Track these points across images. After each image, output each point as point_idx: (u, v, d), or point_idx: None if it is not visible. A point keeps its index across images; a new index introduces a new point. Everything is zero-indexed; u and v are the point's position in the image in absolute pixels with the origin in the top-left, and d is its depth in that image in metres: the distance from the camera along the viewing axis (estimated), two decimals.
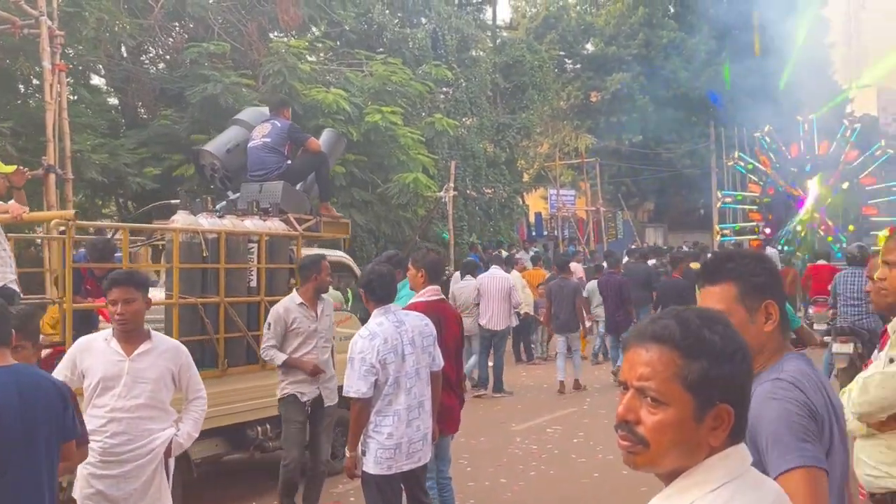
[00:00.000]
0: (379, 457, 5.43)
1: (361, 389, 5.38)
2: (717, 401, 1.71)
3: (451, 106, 25.71)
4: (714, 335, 1.72)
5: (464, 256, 22.76)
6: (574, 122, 41.79)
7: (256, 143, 8.79)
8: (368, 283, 5.71)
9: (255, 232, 7.75)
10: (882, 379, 3.26)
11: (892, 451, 3.27)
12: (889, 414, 3.25)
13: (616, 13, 43.35)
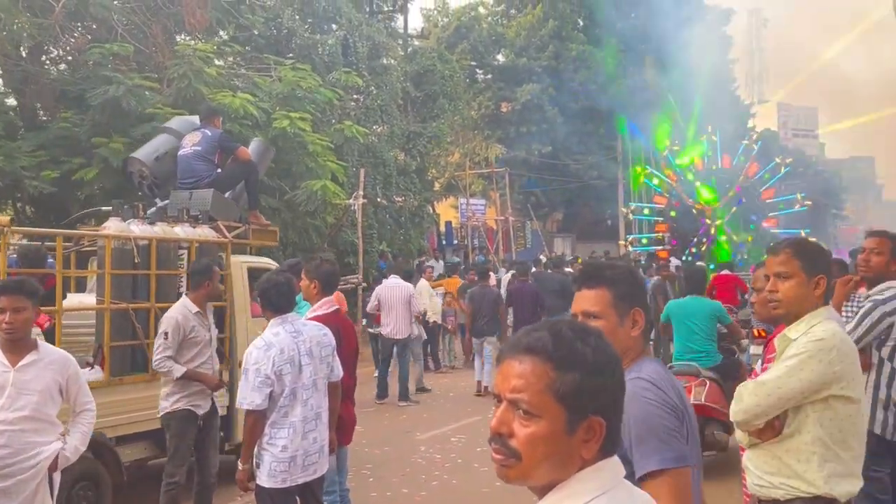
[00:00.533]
0: (273, 469, 5.33)
1: (256, 401, 5.27)
2: (589, 413, 1.69)
3: (361, 113, 25.60)
4: (586, 347, 1.71)
5: (373, 265, 22.70)
6: (485, 132, 42.08)
7: (187, 151, 8.87)
8: (265, 292, 5.61)
9: (186, 239, 7.93)
10: (755, 387, 3.35)
11: (775, 459, 3.34)
12: (764, 421, 3.32)
13: (526, 25, 43.85)
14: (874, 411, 5.12)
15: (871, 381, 5.13)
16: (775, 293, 3.45)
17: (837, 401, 3.28)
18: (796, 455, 3.29)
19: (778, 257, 3.48)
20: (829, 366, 3.25)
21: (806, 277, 3.42)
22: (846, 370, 3.28)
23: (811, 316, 3.40)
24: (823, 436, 3.26)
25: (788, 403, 3.28)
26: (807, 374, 3.24)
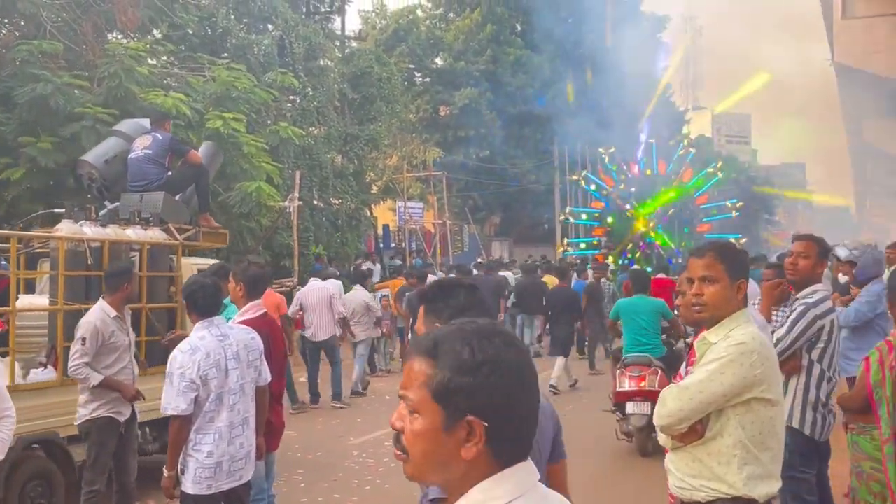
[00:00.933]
0: (198, 476, 5.22)
1: (180, 406, 5.16)
2: (466, 413, 1.66)
3: (297, 115, 25.39)
4: (465, 347, 1.69)
5: (309, 268, 22.52)
6: (423, 136, 42.06)
7: (138, 154, 8.95)
8: (191, 295, 5.49)
9: (138, 241, 8.05)
10: (678, 392, 3.37)
11: (697, 462, 3.36)
12: (688, 425, 3.34)
13: (464, 29, 43.97)
14: (804, 413, 5.19)
15: (802, 383, 5.19)
16: (700, 296, 3.47)
17: (758, 403, 3.31)
18: (717, 457, 3.31)
19: (702, 261, 3.50)
20: (751, 369, 3.27)
21: (730, 281, 3.45)
22: (767, 373, 3.31)
23: (730, 320, 3.43)
24: (744, 438, 3.29)
25: (711, 407, 3.30)
26: (729, 377, 3.27)
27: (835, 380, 5.23)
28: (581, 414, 12.67)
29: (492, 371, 1.67)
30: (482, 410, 1.66)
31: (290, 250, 21.70)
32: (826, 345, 5.19)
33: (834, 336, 5.23)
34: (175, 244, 8.55)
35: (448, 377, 1.68)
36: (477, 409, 1.66)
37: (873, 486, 4.84)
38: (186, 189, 9.43)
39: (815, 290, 5.27)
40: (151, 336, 7.96)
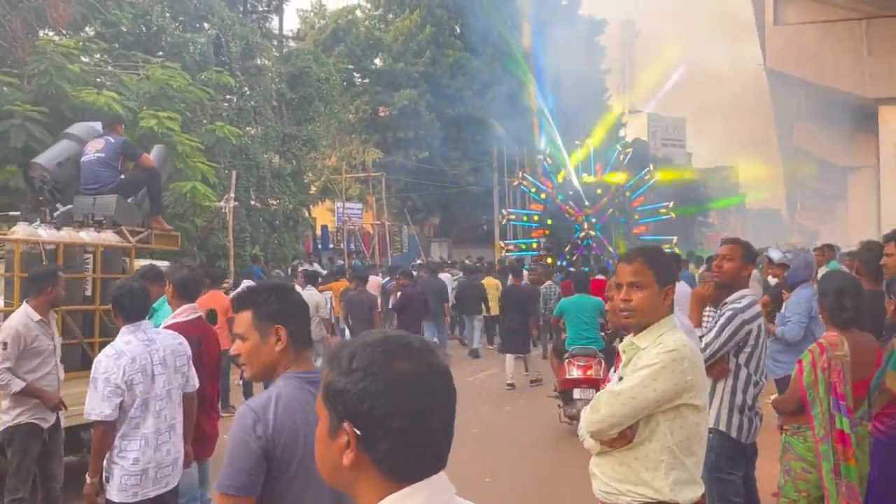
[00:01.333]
0: (124, 483, 5.11)
1: (105, 412, 5.04)
2: (344, 418, 1.65)
3: (234, 114, 25.13)
4: (346, 351, 1.68)
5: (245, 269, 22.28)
6: (362, 136, 41.95)
7: (90, 157, 8.97)
8: (118, 299, 5.36)
9: (91, 243, 8.04)
10: (609, 397, 3.38)
11: (624, 466, 3.38)
12: (618, 430, 3.36)
13: (404, 30, 43.97)
14: (731, 416, 5.25)
15: (729, 386, 5.25)
16: (628, 302, 3.49)
17: (687, 409, 3.34)
18: (644, 462, 3.34)
19: (631, 266, 3.52)
20: (682, 375, 3.30)
21: (657, 287, 3.47)
22: (696, 380, 3.35)
23: (658, 325, 3.45)
24: (672, 444, 3.32)
25: (643, 413, 3.32)
26: (661, 384, 3.29)
27: (761, 383, 5.31)
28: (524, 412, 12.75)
29: (363, 378, 1.63)
30: (354, 417, 1.64)
31: (225, 251, 21.46)
32: (753, 349, 5.26)
33: (761, 340, 5.31)
34: (128, 246, 8.63)
35: (329, 382, 1.68)
36: (350, 415, 1.64)
37: (800, 485, 4.94)
38: (138, 192, 9.47)
39: (743, 295, 5.34)
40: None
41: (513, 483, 8.89)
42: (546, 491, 8.58)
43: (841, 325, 4.96)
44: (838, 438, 4.75)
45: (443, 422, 1.67)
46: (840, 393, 4.76)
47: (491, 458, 9.98)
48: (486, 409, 13.10)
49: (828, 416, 4.78)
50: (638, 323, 3.50)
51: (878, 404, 4.98)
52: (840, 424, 4.75)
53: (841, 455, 4.74)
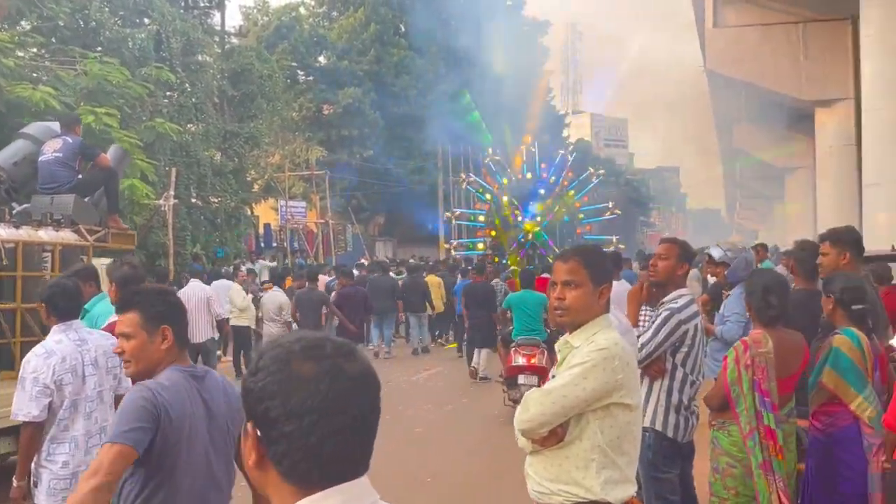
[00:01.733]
0: (53, 487, 4.96)
1: (32, 412, 4.90)
2: (251, 418, 1.62)
3: (174, 111, 24.79)
4: (260, 352, 1.65)
5: (186, 267, 22.00)
6: (306, 134, 41.68)
7: (48, 157, 9.07)
8: (50, 297, 5.22)
9: (50, 242, 8.26)
10: (540, 396, 3.37)
11: (555, 466, 3.37)
12: (549, 429, 3.35)
13: (348, 28, 43.78)
14: (667, 415, 5.30)
15: (665, 386, 5.30)
16: (563, 301, 3.48)
17: (618, 408, 3.33)
18: (575, 461, 3.33)
19: (566, 265, 3.51)
20: (612, 374, 3.29)
21: (592, 287, 3.46)
22: (627, 379, 3.34)
23: (592, 324, 3.44)
24: (602, 443, 3.31)
25: (573, 411, 3.31)
26: (591, 382, 3.28)
27: (698, 382, 5.36)
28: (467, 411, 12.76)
29: (264, 378, 1.60)
30: (254, 417, 1.61)
31: (165, 250, 21.15)
32: (689, 349, 5.31)
33: (697, 340, 5.35)
34: (86, 245, 8.73)
35: (242, 381, 1.65)
36: (251, 414, 1.62)
37: (728, 482, 4.99)
38: (95, 192, 9.57)
39: (680, 295, 5.39)
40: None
41: (453, 482, 8.88)
42: (486, 490, 8.58)
43: (766, 322, 5.02)
44: (766, 434, 4.81)
45: (353, 427, 1.61)
46: (764, 389, 4.82)
47: (432, 457, 9.96)
48: (428, 407, 13.09)
49: (753, 413, 4.83)
50: (572, 321, 3.49)
51: (815, 402, 5.06)
52: (767, 421, 4.81)
53: (771, 451, 4.80)
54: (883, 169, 17.54)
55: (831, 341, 4.99)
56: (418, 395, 14.17)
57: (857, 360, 4.91)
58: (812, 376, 5.06)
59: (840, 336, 4.97)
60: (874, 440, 4.79)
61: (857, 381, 4.89)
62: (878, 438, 4.78)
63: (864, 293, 5.18)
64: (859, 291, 5.14)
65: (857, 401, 4.88)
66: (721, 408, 5.04)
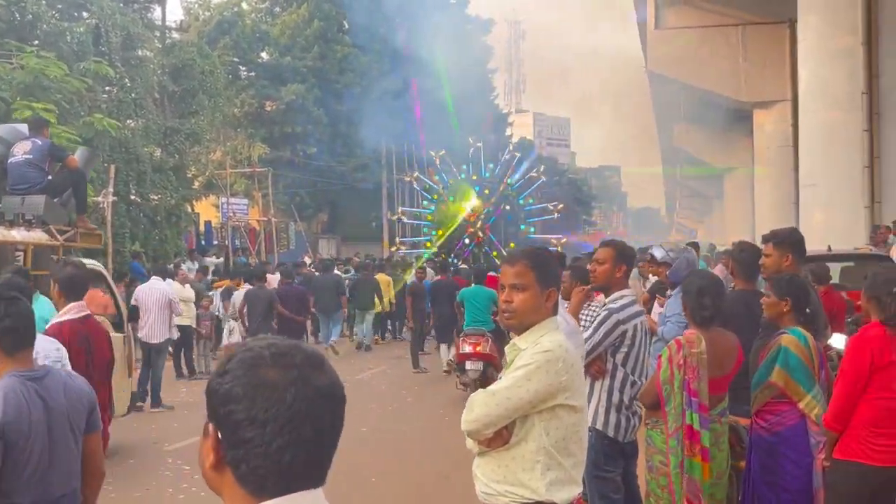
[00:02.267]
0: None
1: None
2: (211, 417, 1.62)
3: (113, 106, 24.36)
4: (230, 355, 1.65)
5: (125, 266, 21.66)
6: (248, 131, 41.27)
7: (18, 159, 9.32)
8: None
9: (23, 241, 8.51)
10: (485, 397, 3.37)
11: (502, 467, 3.38)
12: (494, 430, 3.36)
13: (291, 24, 43.45)
14: (608, 414, 5.37)
15: (606, 386, 5.37)
16: (510, 304, 3.48)
17: (563, 410, 3.35)
18: (521, 463, 3.34)
19: (514, 268, 3.51)
20: (557, 376, 3.31)
21: (539, 289, 3.46)
22: (572, 380, 3.36)
23: (539, 327, 3.45)
24: (548, 444, 3.33)
25: (517, 413, 3.32)
26: (534, 384, 3.29)
27: (639, 383, 5.44)
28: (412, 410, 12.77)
29: (230, 381, 1.59)
30: (216, 418, 1.61)
31: (104, 248, 20.74)
32: (629, 349, 5.39)
33: (638, 340, 5.43)
34: (56, 244, 9.03)
35: (209, 381, 1.64)
36: (213, 415, 1.61)
37: (661, 480, 5.06)
38: (64, 192, 9.80)
39: (621, 296, 5.47)
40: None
41: (399, 482, 8.87)
42: (432, 489, 8.59)
43: (700, 322, 5.10)
44: (686, 433, 4.89)
45: (315, 439, 1.60)
46: (693, 389, 4.90)
47: (377, 457, 9.94)
48: (372, 406, 13.07)
49: (680, 411, 4.92)
50: (519, 324, 3.50)
51: (759, 401, 5.14)
52: (690, 420, 4.90)
53: (687, 450, 4.88)
54: (819, 170, 17.94)
55: (779, 341, 5.07)
56: (363, 394, 14.16)
57: (806, 359, 5.01)
58: (757, 375, 5.14)
59: (788, 336, 5.06)
60: (820, 438, 4.90)
61: (806, 380, 4.99)
62: (824, 437, 4.89)
63: (812, 295, 5.30)
64: (808, 294, 5.25)
65: (805, 399, 4.97)
66: (654, 406, 5.11)
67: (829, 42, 17.85)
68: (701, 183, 60.44)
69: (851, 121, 17.58)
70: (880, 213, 17.33)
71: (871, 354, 4.67)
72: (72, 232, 9.45)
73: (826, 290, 9.60)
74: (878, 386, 4.68)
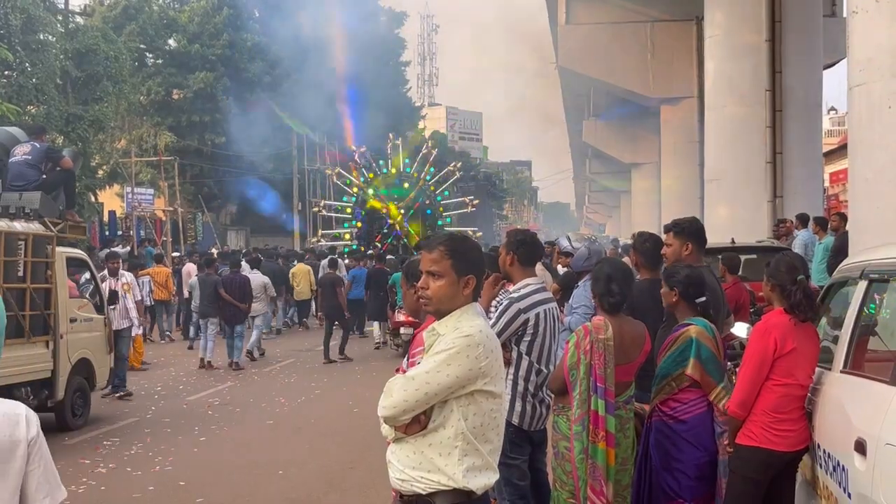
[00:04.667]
0: None
1: None
2: None
3: (13, 91, 23.56)
4: None
5: None
6: (154, 119, 40.40)
7: (18, 159, 10.60)
8: None
9: (24, 232, 9.78)
10: (404, 382, 3.30)
11: (418, 454, 3.31)
12: (412, 416, 3.30)
13: (200, 11, 42.65)
14: (513, 403, 5.37)
15: (511, 374, 5.37)
16: (426, 290, 3.43)
17: (482, 395, 3.30)
18: (438, 449, 3.28)
19: (431, 255, 3.46)
20: (476, 361, 3.26)
21: (456, 277, 3.41)
22: (491, 365, 3.31)
23: (459, 312, 3.41)
24: (465, 430, 3.27)
25: (436, 398, 3.27)
26: (454, 369, 3.24)
27: (545, 371, 5.45)
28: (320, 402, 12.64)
29: None
30: None
31: None
32: (533, 337, 5.40)
33: (542, 329, 5.44)
34: (50, 235, 10.30)
35: None
36: None
37: (566, 466, 5.08)
38: (56, 189, 10.98)
39: (526, 284, 5.50)
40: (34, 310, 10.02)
41: (306, 473, 8.76)
42: (339, 479, 8.51)
43: (608, 309, 5.13)
44: (592, 419, 4.93)
45: None
46: (599, 375, 4.93)
47: (284, 448, 9.81)
48: (280, 399, 12.91)
49: (585, 397, 4.94)
50: (436, 310, 3.44)
51: (666, 391, 5.18)
52: (595, 406, 4.93)
53: (592, 435, 4.92)
54: (724, 165, 18.35)
55: (689, 332, 5.12)
56: (271, 388, 14.00)
57: (714, 350, 5.09)
58: (664, 365, 5.17)
59: (696, 327, 5.12)
60: (725, 427, 4.98)
61: (716, 371, 5.07)
62: (727, 425, 4.97)
63: (705, 285, 5.36)
64: (700, 284, 5.31)
65: (716, 391, 5.04)
66: (562, 391, 5.12)
67: (734, 38, 18.25)
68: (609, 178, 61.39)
69: (755, 117, 18.00)
70: (782, 207, 17.78)
71: (774, 342, 4.75)
72: (62, 224, 10.69)
73: (734, 281, 9.82)
74: (780, 373, 4.76)
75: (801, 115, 18.48)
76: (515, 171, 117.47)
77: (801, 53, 18.43)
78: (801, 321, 4.78)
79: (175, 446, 10.01)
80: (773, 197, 18.02)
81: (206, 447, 10.01)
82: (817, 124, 20.10)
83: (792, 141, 18.17)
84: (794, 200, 17.73)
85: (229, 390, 13.97)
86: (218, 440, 10.36)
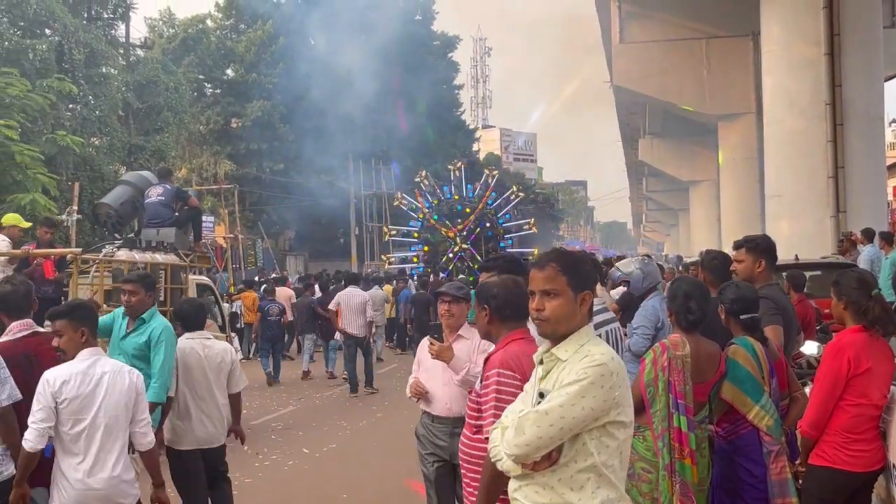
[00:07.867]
0: None
1: None
2: None
3: (77, 123, 24.10)
4: None
5: None
6: (213, 148, 41.02)
7: (153, 200, 11.76)
8: None
9: (164, 262, 10.84)
10: (536, 418, 3.12)
11: (548, 489, 3.17)
12: (545, 452, 3.11)
13: (256, 40, 43.26)
14: None
15: None
16: (542, 311, 3.25)
17: (614, 426, 3.14)
18: (569, 483, 3.13)
19: (543, 273, 3.28)
20: (611, 392, 3.10)
21: (573, 294, 3.24)
22: (624, 395, 3.15)
23: (579, 335, 3.24)
24: (598, 462, 3.12)
25: (570, 433, 3.10)
26: (589, 401, 3.07)
27: None
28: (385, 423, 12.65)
29: None
30: None
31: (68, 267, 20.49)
32: None
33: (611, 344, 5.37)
34: (184, 265, 11.37)
35: None
36: None
37: (643, 487, 4.95)
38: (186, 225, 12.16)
39: None
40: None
41: (368, 497, 8.76)
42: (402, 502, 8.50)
43: (685, 327, 5.04)
44: (675, 436, 4.81)
45: None
46: (679, 392, 4.82)
47: (346, 472, 9.83)
48: (342, 423, 12.95)
49: (666, 413, 4.83)
50: (553, 332, 3.25)
51: (718, 410, 5.11)
52: (678, 423, 4.82)
53: (677, 452, 4.80)
54: (784, 180, 18.08)
55: (727, 352, 5.05)
56: (332, 412, 14.05)
57: (753, 369, 4.97)
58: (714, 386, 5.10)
59: (735, 347, 5.04)
60: (773, 447, 4.87)
61: (754, 391, 4.95)
62: (776, 446, 4.87)
63: (754, 302, 5.24)
64: (748, 301, 5.20)
65: (754, 410, 4.93)
66: (637, 410, 5.04)
67: (792, 52, 18.04)
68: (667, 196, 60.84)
69: (815, 131, 17.74)
70: (845, 222, 17.45)
71: (847, 361, 4.65)
72: (192, 255, 11.84)
73: (800, 298, 9.62)
74: (854, 392, 4.66)
75: (863, 128, 18.15)
76: (571, 190, 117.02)
77: (860, 65, 18.13)
78: (882, 336, 4.67)
79: (240, 470, 10.11)
80: (836, 212, 17.70)
81: (269, 471, 10.07)
82: (880, 137, 19.66)
83: (854, 155, 17.85)
84: (857, 215, 17.37)
85: (292, 414, 14.06)
86: (279, 465, 10.43)
